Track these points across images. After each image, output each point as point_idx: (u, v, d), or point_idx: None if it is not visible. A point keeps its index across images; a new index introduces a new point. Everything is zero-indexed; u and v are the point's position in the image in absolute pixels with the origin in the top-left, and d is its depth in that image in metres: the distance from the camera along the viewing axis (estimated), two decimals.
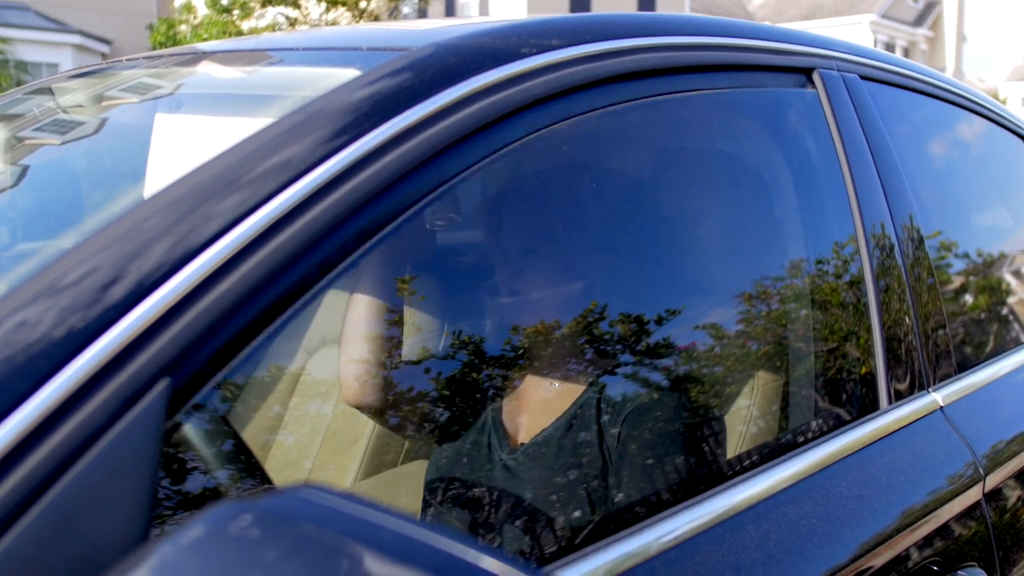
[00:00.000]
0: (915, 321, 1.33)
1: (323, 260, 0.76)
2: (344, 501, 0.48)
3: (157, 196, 0.72)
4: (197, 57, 1.43)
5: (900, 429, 1.20)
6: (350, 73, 0.92)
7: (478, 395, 1.43)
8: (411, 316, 2.00)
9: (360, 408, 1.54)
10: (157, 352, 0.64)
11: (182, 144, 1.14)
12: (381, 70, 0.91)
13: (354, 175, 0.80)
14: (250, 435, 2.04)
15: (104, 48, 19.23)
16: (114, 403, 0.60)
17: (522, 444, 1.36)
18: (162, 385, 0.63)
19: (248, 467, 0.83)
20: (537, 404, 1.42)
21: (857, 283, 1.29)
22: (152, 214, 0.70)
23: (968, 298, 1.66)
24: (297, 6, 16.30)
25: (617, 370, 1.33)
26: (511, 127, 0.94)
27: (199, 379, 0.69)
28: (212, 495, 0.73)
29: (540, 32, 1.04)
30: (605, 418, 1.30)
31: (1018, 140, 2.01)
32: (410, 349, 1.98)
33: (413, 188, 0.84)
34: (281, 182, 0.76)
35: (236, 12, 16.50)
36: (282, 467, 1.98)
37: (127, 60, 1.45)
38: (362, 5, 16.24)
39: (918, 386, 1.29)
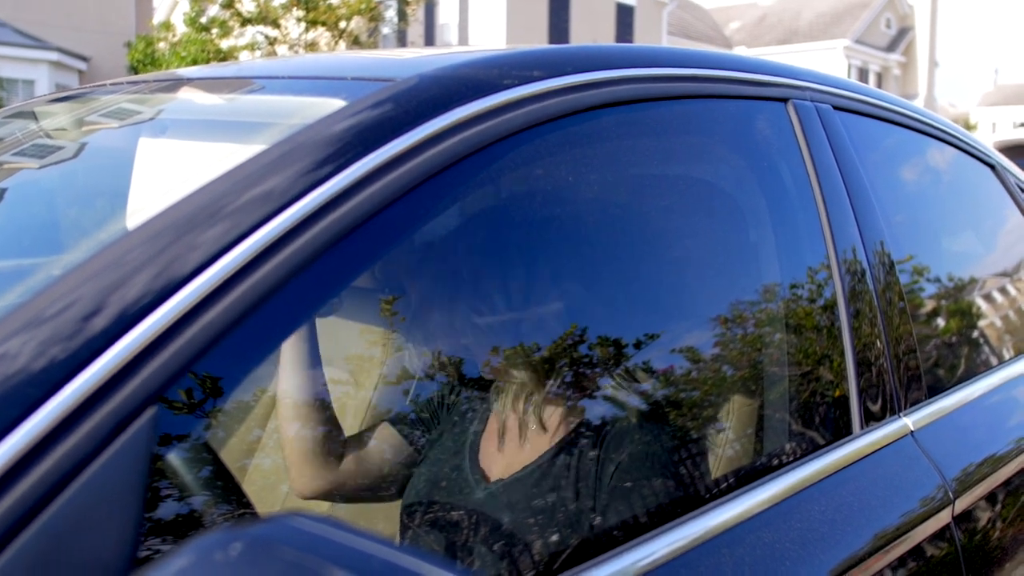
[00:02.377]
0: (886, 346, 1.36)
1: (307, 290, 0.78)
2: (331, 528, 0.49)
3: (142, 226, 0.74)
4: (182, 82, 1.44)
5: (871, 454, 1.22)
6: (336, 103, 0.94)
7: (456, 428, 1.46)
8: (391, 340, 2.00)
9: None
10: (145, 380, 0.65)
11: (168, 169, 1.15)
12: (366, 100, 0.93)
13: (342, 203, 0.82)
14: (233, 459, 2.04)
15: (82, 65, 19.12)
16: (103, 430, 0.61)
17: (499, 480, 1.37)
18: (150, 413, 0.64)
19: (232, 493, 0.84)
20: (514, 442, 1.43)
21: (830, 308, 1.31)
22: (138, 244, 0.71)
23: (938, 322, 1.69)
24: (276, 25, 16.31)
25: (599, 408, 1.34)
26: (494, 156, 0.96)
27: (186, 406, 0.70)
28: (198, 521, 0.74)
29: (522, 63, 1.06)
30: (590, 455, 1.30)
31: (985, 167, 2.05)
32: (389, 374, 1.98)
33: (398, 218, 0.85)
34: (268, 211, 0.78)
35: (215, 31, 16.49)
36: (262, 490, 1.98)
37: (111, 84, 1.46)
38: (342, 25, 16.28)
39: (889, 410, 1.32)
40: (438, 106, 0.94)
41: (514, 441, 1.46)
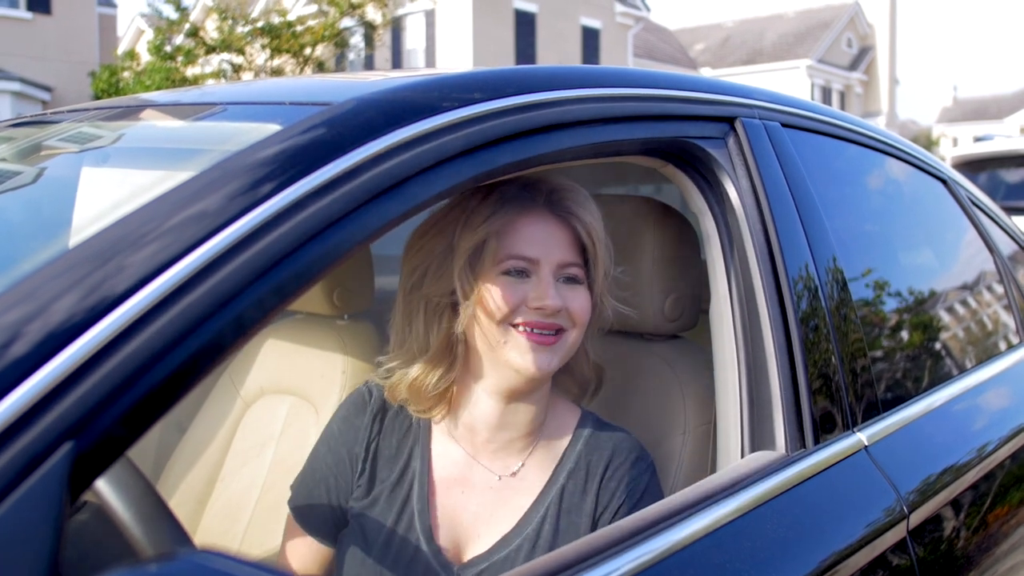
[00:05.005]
0: (840, 361, 1.36)
1: (240, 315, 0.76)
2: (238, 565, 0.47)
3: (62, 256, 0.72)
4: (126, 111, 1.42)
5: (825, 470, 1.22)
6: (271, 128, 0.93)
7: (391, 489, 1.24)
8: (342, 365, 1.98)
9: None
10: (61, 414, 0.63)
11: (107, 198, 1.13)
12: (301, 125, 0.92)
13: (273, 229, 0.80)
14: (184, 492, 2.00)
15: (45, 96, 18.95)
16: (13, 468, 0.59)
17: (476, 558, 1.18)
18: (66, 448, 0.62)
19: (167, 529, 0.82)
20: (477, 498, 1.22)
21: (781, 325, 1.31)
22: (55, 274, 0.70)
23: (893, 336, 1.70)
24: (242, 53, 16.27)
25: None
26: (433, 180, 0.96)
27: (112, 440, 0.68)
28: (123, 560, 0.72)
29: (462, 86, 1.06)
30: (588, 501, 1.20)
31: (936, 181, 2.08)
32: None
33: (332, 243, 0.84)
34: (197, 236, 0.76)
35: (180, 59, 16.42)
36: (218, 522, 1.94)
37: (51, 113, 1.44)
38: (307, 52, 16.28)
39: (843, 426, 1.32)
40: (375, 129, 0.93)
41: (477, 497, 1.22)
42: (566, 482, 1.22)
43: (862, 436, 1.33)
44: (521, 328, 1.17)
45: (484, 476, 1.23)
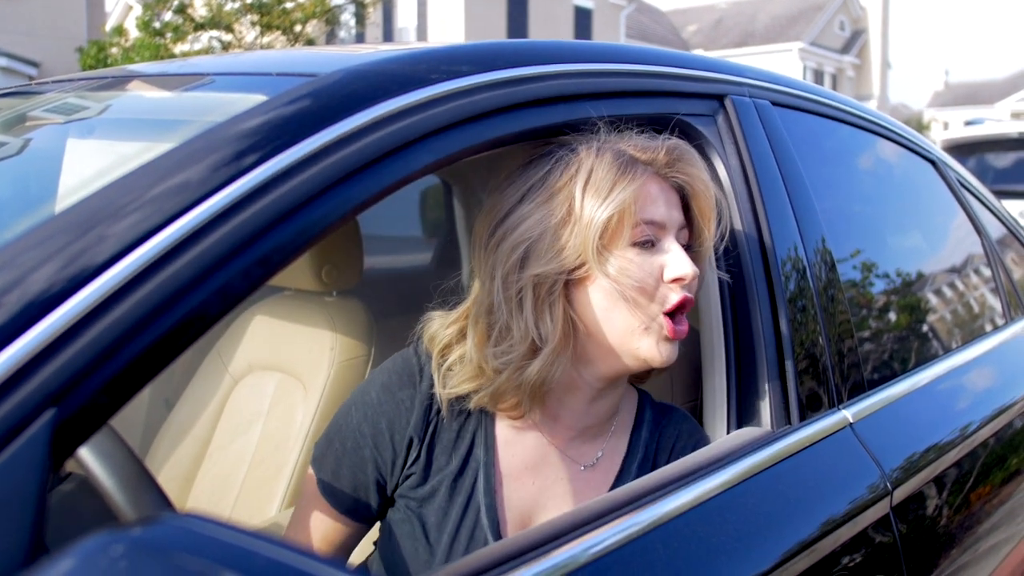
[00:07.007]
0: (827, 341, 1.37)
1: (224, 286, 0.76)
2: (223, 529, 0.47)
3: (44, 223, 0.71)
4: (111, 82, 1.41)
5: (809, 446, 1.22)
6: (256, 98, 0.92)
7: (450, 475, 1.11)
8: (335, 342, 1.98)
9: None
10: (43, 381, 0.63)
11: (91, 168, 1.12)
12: (287, 95, 0.91)
13: (256, 200, 0.80)
14: (172, 467, 2.00)
15: (32, 71, 18.75)
16: None
17: None
18: (47, 416, 0.62)
19: (150, 496, 0.82)
20: (555, 481, 1.13)
21: (768, 304, 1.31)
22: (38, 241, 0.69)
23: (879, 316, 1.71)
24: (231, 30, 16.13)
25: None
26: (420, 153, 0.95)
27: (94, 407, 0.67)
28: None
29: (450, 59, 1.05)
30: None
31: (925, 163, 2.08)
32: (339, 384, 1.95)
33: (317, 215, 0.83)
34: (181, 205, 0.76)
35: (168, 35, 16.27)
36: (206, 497, 1.94)
37: (36, 83, 1.42)
38: (297, 30, 16.14)
39: (829, 403, 1.32)
40: (362, 100, 0.92)
41: (550, 489, 1.12)
42: (637, 473, 1.16)
43: (847, 413, 1.33)
44: (663, 317, 1.06)
45: (562, 467, 1.13)
